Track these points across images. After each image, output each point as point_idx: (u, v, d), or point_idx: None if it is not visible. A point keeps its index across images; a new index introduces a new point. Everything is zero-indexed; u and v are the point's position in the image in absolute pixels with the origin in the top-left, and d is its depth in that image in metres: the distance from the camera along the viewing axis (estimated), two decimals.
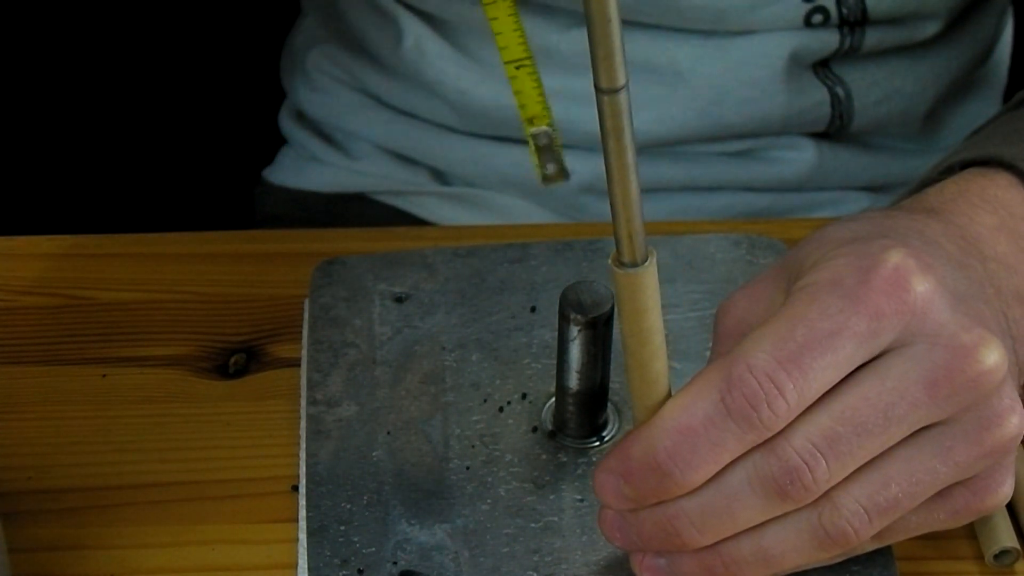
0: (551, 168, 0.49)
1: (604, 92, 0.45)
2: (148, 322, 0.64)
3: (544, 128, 0.49)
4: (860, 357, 0.47)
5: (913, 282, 0.48)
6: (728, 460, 0.47)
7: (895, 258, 0.48)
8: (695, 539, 0.49)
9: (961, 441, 0.48)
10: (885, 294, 0.47)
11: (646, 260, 0.47)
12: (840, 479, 0.47)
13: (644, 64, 0.75)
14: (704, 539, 0.48)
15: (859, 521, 0.48)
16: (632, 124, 0.45)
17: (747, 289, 0.52)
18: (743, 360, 0.47)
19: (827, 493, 0.48)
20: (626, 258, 0.47)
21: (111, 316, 0.65)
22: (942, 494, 0.49)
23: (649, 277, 0.48)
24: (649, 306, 0.48)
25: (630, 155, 0.45)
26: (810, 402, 0.47)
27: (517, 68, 0.49)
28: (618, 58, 0.44)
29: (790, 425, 0.47)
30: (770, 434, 0.47)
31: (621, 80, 0.44)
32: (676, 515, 0.48)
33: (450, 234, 0.69)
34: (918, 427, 0.48)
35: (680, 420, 0.48)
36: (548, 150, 0.49)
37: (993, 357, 0.47)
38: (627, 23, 0.74)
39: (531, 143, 0.49)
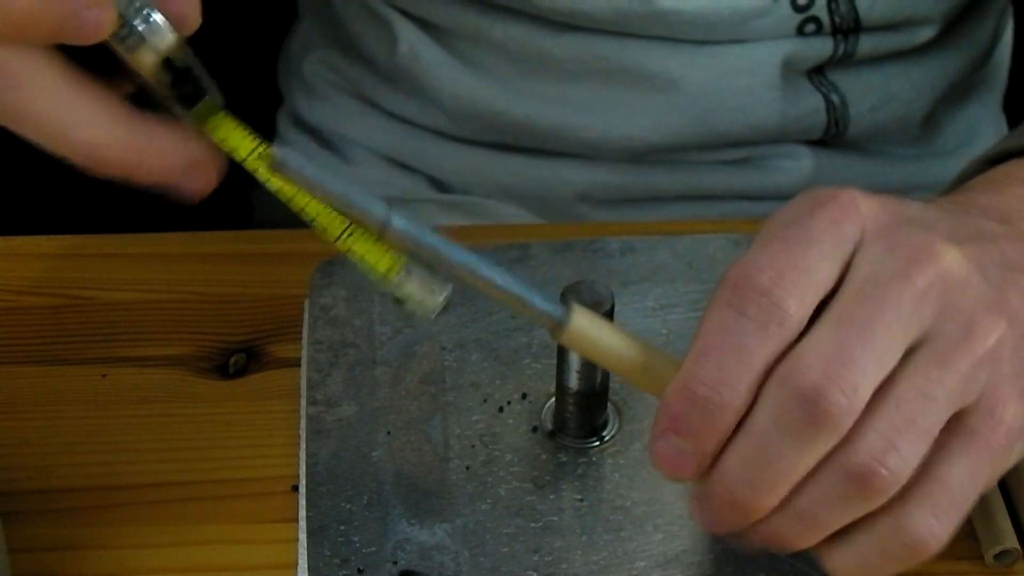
0: (433, 297, 0.49)
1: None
2: (148, 322, 0.64)
3: (402, 274, 0.48)
4: (838, 257, 0.47)
5: (856, 196, 0.48)
6: (760, 367, 0.46)
7: (846, 191, 0.49)
8: (754, 500, 0.47)
9: (949, 348, 0.47)
10: (837, 203, 0.48)
11: (563, 317, 0.48)
12: (864, 393, 0.46)
13: (638, 72, 0.75)
14: (760, 498, 0.47)
15: (880, 449, 0.46)
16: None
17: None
18: (743, 265, 0.47)
19: (848, 433, 0.46)
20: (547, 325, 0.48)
21: (111, 316, 0.65)
22: (960, 425, 0.47)
23: (576, 332, 0.48)
24: (602, 347, 0.48)
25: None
26: (813, 293, 0.47)
27: (349, 236, 0.48)
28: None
29: (797, 347, 0.46)
30: (788, 325, 0.46)
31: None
32: (726, 479, 0.47)
33: (450, 234, 0.69)
34: (911, 333, 0.47)
35: (698, 346, 0.47)
36: (421, 286, 0.48)
37: (949, 255, 0.47)
38: (619, 33, 0.74)
39: (403, 294, 0.48)
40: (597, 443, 0.58)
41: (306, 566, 0.54)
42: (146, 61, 0.48)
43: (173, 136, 0.48)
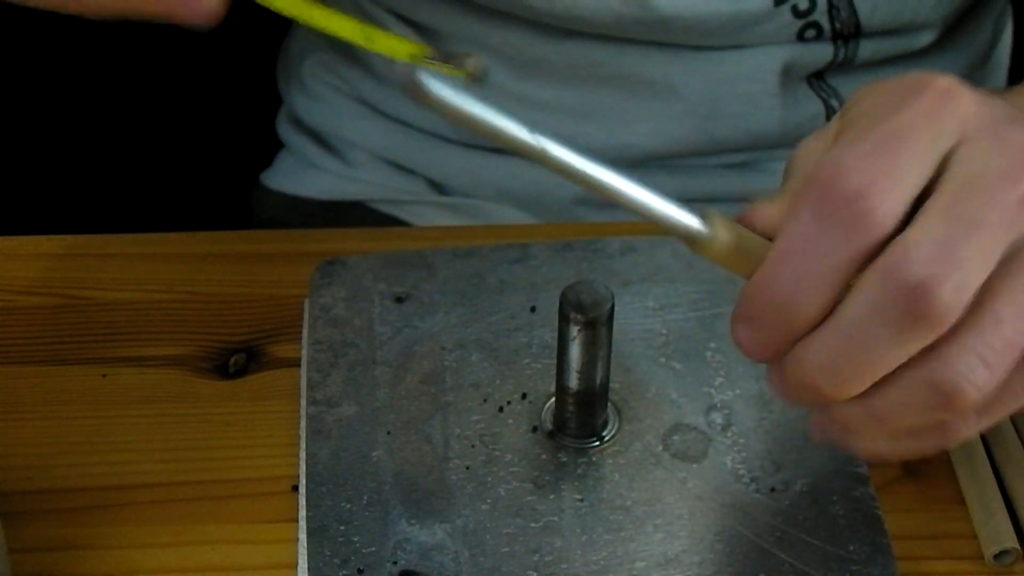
0: (470, 63, 0.47)
1: None
2: (148, 322, 0.64)
3: (428, 55, 0.47)
4: (938, 151, 0.45)
5: (959, 91, 0.46)
6: (845, 276, 0.45)
7: (941, 79, 0.47)
8: (835, 391, 0.46)
9: None
10: (938, 95, 0.46)
11: (706, 228, 0.46)
12: (967, 294, 0.44)
13: (637, 78, 0.75)
14: (843, 390, 0.46)
15: (977, 373, 0.44)
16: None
17: (816, 132, 0.50)
18: (830, 163, 0.45)
19: (933, 348, 0.45)
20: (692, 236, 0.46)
21: (111, 316, 0.65)
22: None
23: (719, 245, 0.47)
24: (750, 252, 0.47)
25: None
26: (908, 196, 0.45)
27: (366, 40, 0.48)
28: None
29: (901, 241, 0.44)
30: (879, 232, 0.44)
31: None
32: (808, 368, 0.46)
33: (450, 235, 0.69)
34: (1013, 235, 0.45)
35: (781, 247, 0.45)
36: (448, 58, 0.47)
37: None
38: (618, 39, 0.74)
39: (434, 63, 0.47)
40: (597, 443, 0.58)
41: (306, 566, 0.54)
42: None
43: None
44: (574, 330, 0.54)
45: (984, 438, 0.59)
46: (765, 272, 0.46)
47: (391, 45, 0.48)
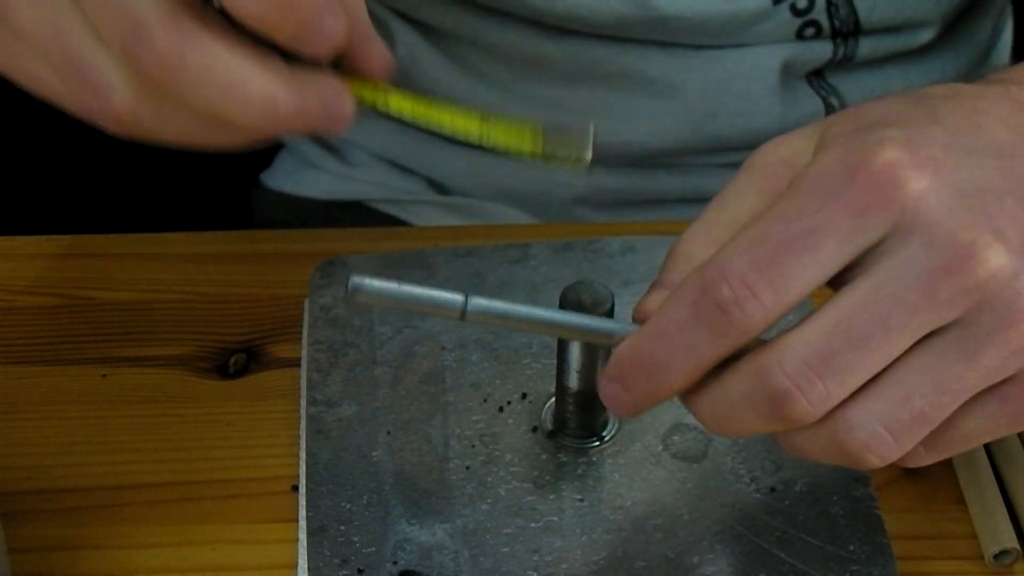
0: (582, 150, 0.50)
1: None
2: (148, 322, 0.64)
3: (547, 145, 0.50)
4: (846, 256, 0.45)
5: (903, 177, 0.44)
6: (710, 363, 0.46)
7: (888, 153, 0.45)
8: (684, 401, 0.48)
9: (984, 343, 0.44)
10: (869, 190, 0.44)
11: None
12: (846, 395, 0.45)
13: (636, 77, 0.75)
14: (726, 437, 0.48)
15: (879, 442, 0.45)
16: None
17: (783, 135, 0.50)
18: (717, 264, 0.45)
19: (841, 409, 0.45)
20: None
21: (111, 316, 0.65)
22: (994, 393, 0.46)
23: None
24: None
25: None
26: (790, 304, 0.45)
27: (487, 135, 0.50)
28: None
29: (782, 340, 0.45)
30: (747, 337, 0.45)
31: None
32: (695, 413, 0.48)
33: (450, 234, 0.69)
34: (925, 332, 0.45)
35: (657, 325, 0.47)
36: (567, 145, 0.49)
37: (996, 259, 0.44)
38: (618, 38, 0.74)
39: (555, 161, 0.50)
40: (597, 443, 0.58)
41: (306, 566, 0.54)
42: None
43: (322, 79, 0.48)
44: None
45: None
46: (638, 342, 0.47)
47: (509, 129, 0.50)
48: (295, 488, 0.57)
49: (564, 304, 0.54)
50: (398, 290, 0.49)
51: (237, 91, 0.46)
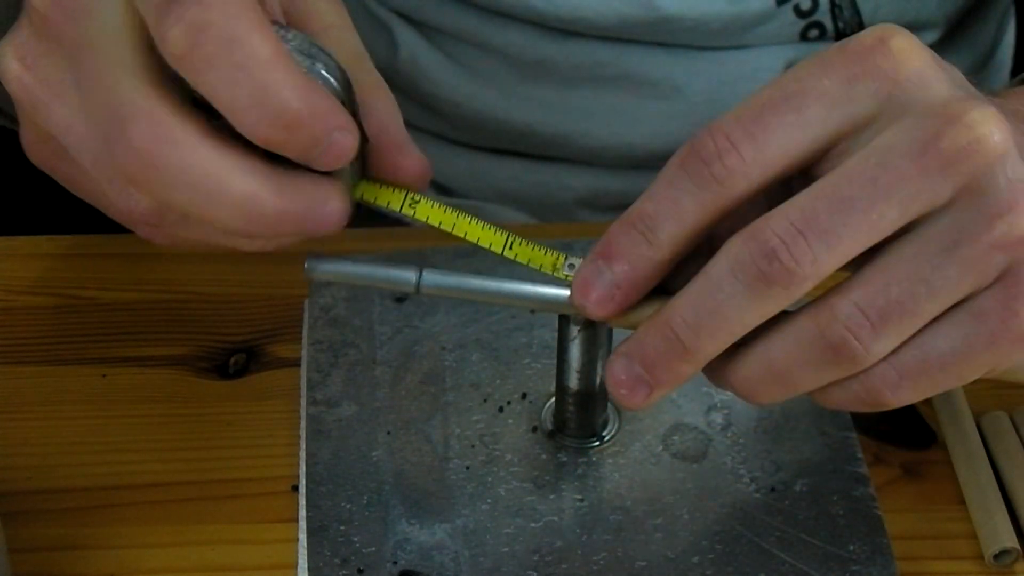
0: None
1: None
2: (148, 322, 0.64)
3: (567, 267, 0.50)
4: (833, 122, 0.45)
5: (894, 44, 0.45)
6: (689, 222, 0.46)
7: (886, 32, 0.46)
8: (693, 342, 0.46)
9: (967, 232, 0.44)
10: (862, 59, 0.45)
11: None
12: (828, 264, 0.44)
13: (640, 79, 0.75)
14: (700, 340, 0.46)
15: (858, 325, 0.45)
16: None
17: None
18: (708, 126, 0.46)
19: (824, 298, 0.45)
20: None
21: (111, 316, 0.65)
22: (968, 310, 0.45)
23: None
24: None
25: None
26: (771, 162, 0.45)
27: (510, 248, 0.51)
28: None
29: (771, 211, 0.45)
30: (728, 193, 0.45)
31: None
32: (670, 316, 0.46)
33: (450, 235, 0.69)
34: (915, 213, 0.44)
35: (650, 188, 0.47)
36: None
37: (988, 125, 0.44)
38: (621, 39, 0.74)
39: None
40: (597, 443, 0.58)
41: (306, 566, 0.54)
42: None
43: (313, 184, 0.48)
44: (574, 330, 0.54)
45: (984, 438, 0.59)
46: (629, 209, 0.47)
47: (531, 254, 0.51)
48: (295, 488, 0.57)
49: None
50: (353, 268, 0.50)
51: (214, 191, 0.46)
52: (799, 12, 0.72)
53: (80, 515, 0.56)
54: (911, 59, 0.45)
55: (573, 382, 0.56)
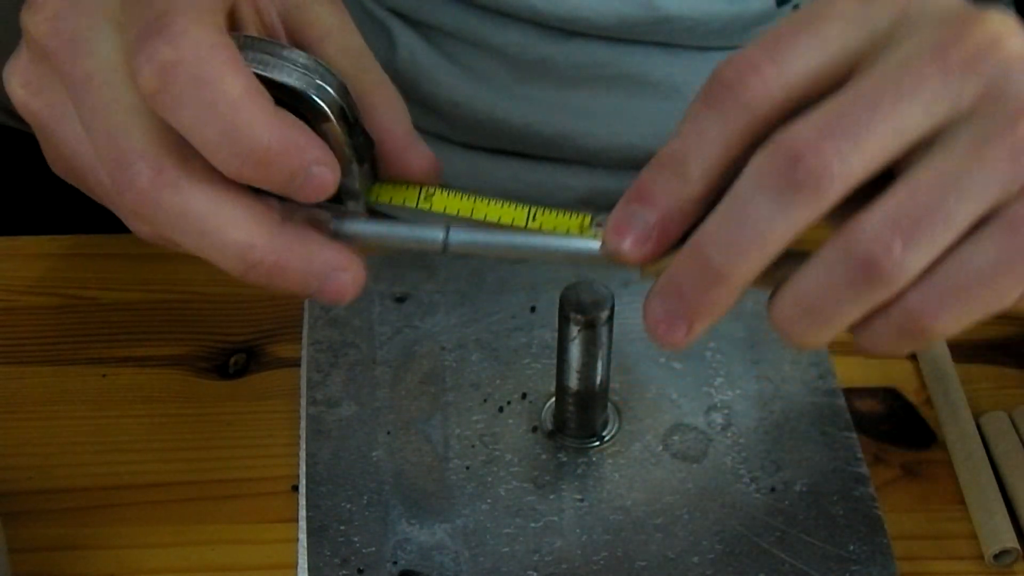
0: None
1: None
2: (148, 322, 0.64)
3: (596, 220, 0.49)
4: (852, 41, 0.45)
5: None
6: (720, 152, 0.45)
7: None
8: (725, 263, 0.45)
9: (991, 132, 0.43)
10: None
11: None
12: (856, 165, 0.43)
13: (639, 79, 0.74)
14: (732, 260, 0.44)
15: (887, 239, 0.43)
16: None
17: None
18: (727, 58, 0.45)
19: (850, 219, 0.44)
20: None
21: (111, 316, 0.65)
22: (1000, 221, 0.44)
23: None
24: None
25: None
26: (794, 82, 0.45)
27: (533, 219, 0.50)
28: None
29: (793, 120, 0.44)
30: (753, 116, 0.45)
31: None
32: (700, 241, 0.45)
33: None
34: (936, 109, 0.44)
35: (677, 129, 0.46)
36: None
37: (1006, 26, 0.44)
38: (621, 39, 0.74)
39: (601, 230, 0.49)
40: (597, 443, 0.58)
41: (306, 566, 0.54)
42: (333, 115, 0.48)
43: (317, 238, 0.48)
44: (574, 330, 0.54)
45: (984, 438, 0.59)
46: (658, 153, 0.46)
47: (556, 220, 0.50)
48: (295, 488, 0.57)
49: (564, 304, 0.54)
50: (378, 228, 0.49)
51: (213, 237, 0.47)
52: None
53: (80, 515, 0.57)
54: None
55: (573, 382, 0.56)
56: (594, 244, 0.48)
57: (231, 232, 0.47)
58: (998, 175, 0.44)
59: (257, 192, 0.47)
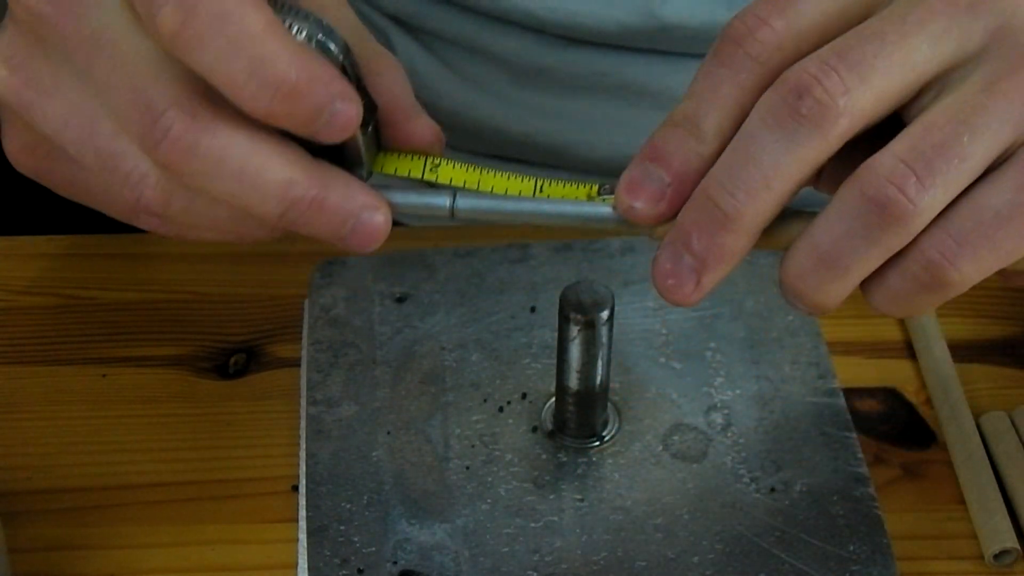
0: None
1: None
2: (148, 322, 0.64)
3: (603, 187, 0.49)
4: None
5: None
6: (732, 107, 0.45)
7: None
8: (732, 204, 0.44)
9: (1003, 69, 0.43)
10: None
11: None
12: (863, 99, 0.43)
13: (639, 88, 0.74)
14: (739, 201, 0.44)
15: (902, 176, 0.43)
16: None
17: None
18: (738, 13, 0.45)
19: (865, 162, 0.43)
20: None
21: (111, 316, 0.65)
22: (1015, 162, 0.44)
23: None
24: None
25: None
26: (805, 30, 0.44)
27: (540, 191, 0.50)
28: None
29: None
30: (765, 68, 0.44)
31: None
32: (706, 183, 0.45)
33: (450, 235, 0.69)
34: (944, 46, 0.44)
35: (689, 88, 0.46)
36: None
37: None
38: (622, 47, 0.74)
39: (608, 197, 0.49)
40: (597, 443, 0.58)
41: (306, 566, 0.54)
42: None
43: (347, 177, 0.48)
44: (574, 330, 0.54)
45: (984, 438, 0.59)
46: (671, 112, 0.46)
47: (563, 190, 0.50)
48: (295, 488, 0.57)
49: (564, 304, 0.54)
50: (386, 194, 0.48)
51: (253, 177, 0.46)
52: None
53: (80, 515, 0.56)
54: None
55: (573, 382, 0.56)
56: (604, 208, 0.48)
57: (271, 170, 0.46)
58: (1011, 114, 0.43)
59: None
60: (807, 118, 0.43)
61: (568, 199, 0.49)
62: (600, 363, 0.55)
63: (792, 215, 0.46)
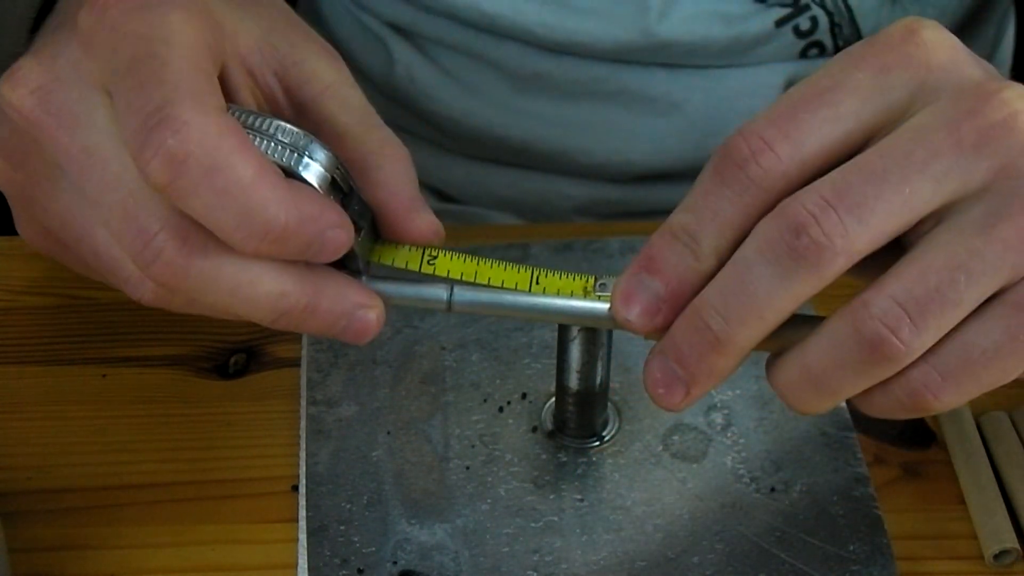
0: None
1: None
2: (148, 322, 0.64)
3: (600, 282, 0.50)
4: (867, 114, 0.44)
5: (924, 35, 0.45)
6: (732, 230, 0.45)
7: (907, 20, 0.45)
8: (724, 330, 0.45)
9: (1003, 212, 0.43)
10: (892, 49, 0.45)
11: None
12: (860, 240, 0.43)
13: (638, 95, 0.74)
14: (731, 328, 0.45)
15: (896, 319, 0.43)
16: None
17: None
18: (739, 129, 0.45)
19: (858, 296, 0.44)
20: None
21: (111, 316, 0.65)
22: (1006, 301, 0.44)
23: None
24: None
25: None
26: (809, 159, 0.44)
27: (536, 283, 0.50)
28: None
29: (800, 189, 0.44)
30: (767, 194, 0.44)
31: None
32: (700, 305, 0.45)
33: (450, 235, 0.69)
34: (946, 185, 0.43)
35: (688, 199, 0.46)
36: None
37: (1023, 103, 0.44)
38: (622, 59, 0.74)
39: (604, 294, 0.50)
40: (597, 443, 0.58)
41: (306, 566, 0.54)
42: (321, 190, 0.48)
43: (339, 279, 0.49)
44: (574, 330, 0.54)
45: (984, 438, 0.59)
46: (669, 220, 0.46)
47: (560, 283, 0.50)
48: (295, 488, 0.57)
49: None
50: (381, 287, 0.50)
51: (246, 291, 0.47)
52: (798, 32, 0.72)
53: (80, 515, 0.56)
54: (942, 48, 0.45)
55: (573, 382, 0.56)
56: (601, 307, 0.49)
57: (263, 284, 0.47)
58: (1007, 260, 0.43)
59: None
60: (804, 257, 0.43)
61: (564, 294, 0.50)
62: (600, 363, 0.55)
63: (784, 323, 0.46)
